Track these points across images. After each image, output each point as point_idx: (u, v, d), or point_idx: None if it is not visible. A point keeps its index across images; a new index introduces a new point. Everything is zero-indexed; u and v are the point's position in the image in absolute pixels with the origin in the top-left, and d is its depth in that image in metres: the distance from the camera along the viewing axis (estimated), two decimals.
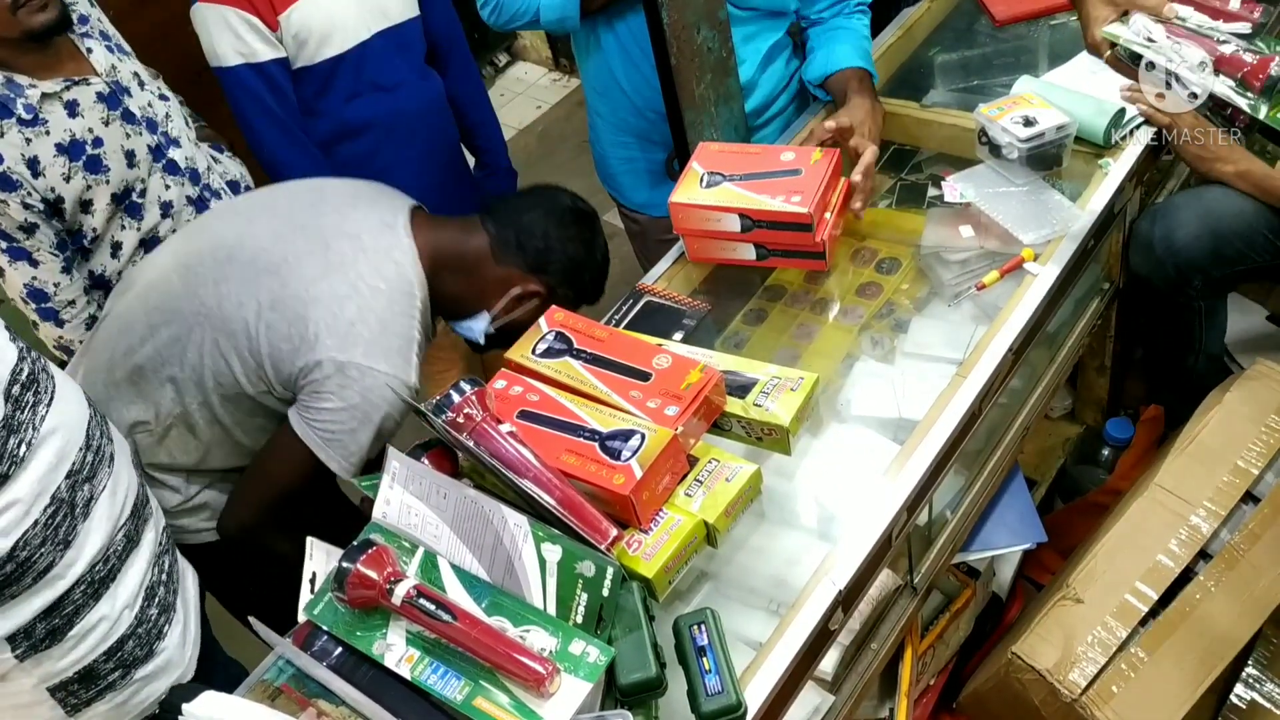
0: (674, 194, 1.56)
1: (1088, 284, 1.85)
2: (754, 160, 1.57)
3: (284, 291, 1.39)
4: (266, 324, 1.39)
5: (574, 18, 1.77)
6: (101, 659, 1.25)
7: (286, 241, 1.43)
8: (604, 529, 1.10)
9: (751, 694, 1.09)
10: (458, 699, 0.99)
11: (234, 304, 1.40)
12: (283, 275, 1.40)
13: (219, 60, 1.86)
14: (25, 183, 1.61)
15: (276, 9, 1.85)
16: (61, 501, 1.16)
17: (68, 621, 1.20)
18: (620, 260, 3.30)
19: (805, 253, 1.54)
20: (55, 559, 1.16)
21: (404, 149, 2.08)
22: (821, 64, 1.79)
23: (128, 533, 1.27)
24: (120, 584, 1.26)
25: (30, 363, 1.17)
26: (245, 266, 1.42)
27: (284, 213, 1.50)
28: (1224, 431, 1.66)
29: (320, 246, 1.42)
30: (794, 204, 1.48)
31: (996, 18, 2.05)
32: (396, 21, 1.98)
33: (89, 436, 1.23)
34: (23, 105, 1.61)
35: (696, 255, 1.64)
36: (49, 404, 1.17)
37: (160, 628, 1.32)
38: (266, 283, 1.40)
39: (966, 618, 1.81)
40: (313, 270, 1.40)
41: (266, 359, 1.40)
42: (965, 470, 1.64)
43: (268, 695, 1.07)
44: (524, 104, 4.21)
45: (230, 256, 1.44)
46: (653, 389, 1.23)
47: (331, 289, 1.39)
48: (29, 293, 1.69)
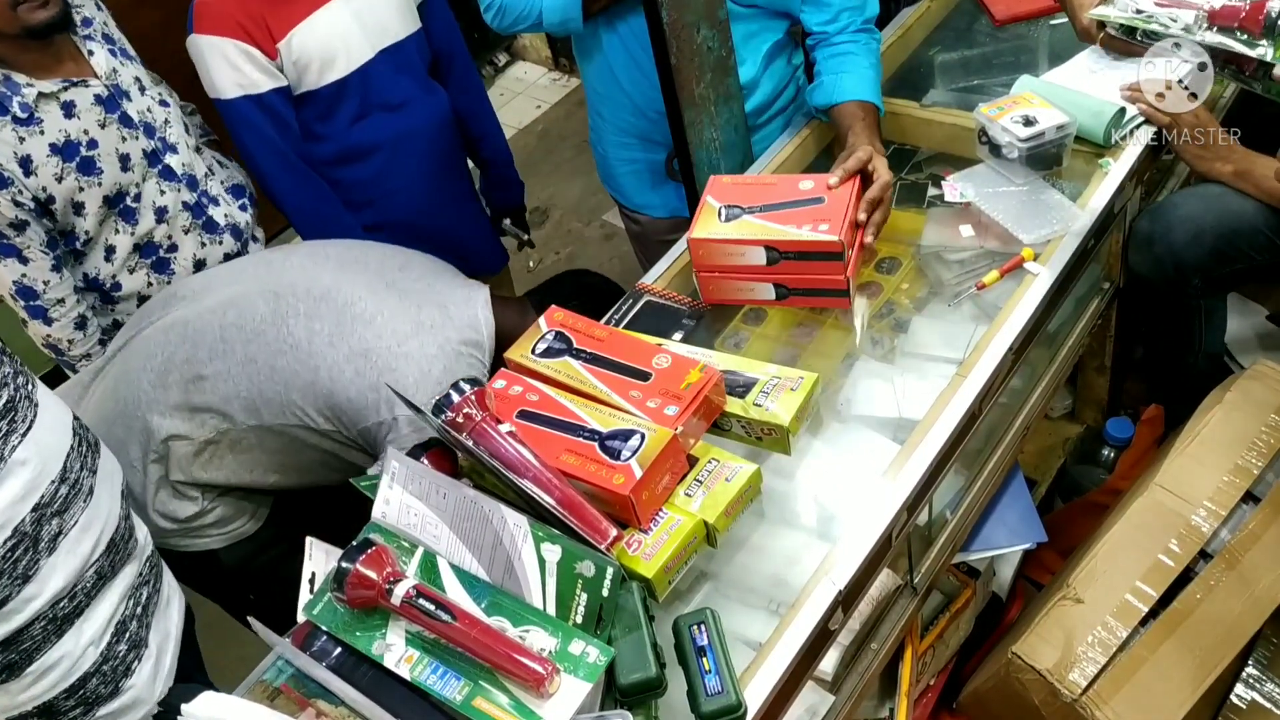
0: (692, 230, 1.48)
1: (1088, 284, 1.85)
2: (770, 191, 1.50)
3: (378, 343, 1.44)
4: (356, 370, 1.43)
5: (577, 19, 1.77)
6: (62, 696, 1.21)
7: (380, 297, 1.50)
8: (604, 529, 1.10)
9: (751, 694, 1.08)
10: (457, 699, 0.99)
11: (324, 342, 1.44)
12: (377, 327, 1.46)
13: (217, 93, 1.83)
14: (17, 180, 1.61)
15: (275, 36, 1.81)
16: (24, 535, 1.12)
17: (26, 657, 1.16)
18: (620, 260, 3.33)
19: (827, 290, 1.47)
20: (12, 593, 1.12)
21: (412, 168, 2.05)
22: (828, 92, 1.75)
23: (100, 569, 1.23)
24: (87, 620, 1.21)
25: (12, 390, 1.13)
26: (340, 311, 1.47)
27: (375, 269, 1.56)
28: (1224, 431, 1.66)
29: (413, 308, 1.50)
30: (822, 232, 1.41)
31: (996, 17, 2.05)
32: (399, 38, 1.95)
33: (65, 469, 1.18)
34: (18, 104, 1.61)
35: (712, 297, 1.53)
36: (24, 434, 1.13)
37: (129, 664, 1.28)
38: (361, 331, 1.45)
39: (966, 618, 1.81)
40: (405, 328, 1.47)
41: (347, 402, 1.44)
42: (965, 470, 1.64)
43: (267, 695, 1.07)
44: (524, 104, 4.21)
45: (325, 296, 1.48)
46: (652, 389, 1.23)
47: (422, 347, 1.46)
48: (18, 290, 1.69)
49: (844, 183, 1.50)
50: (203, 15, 1.79)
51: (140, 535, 1.33)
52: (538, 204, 3.68)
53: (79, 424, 1.26)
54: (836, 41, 1.78)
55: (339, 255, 1.59)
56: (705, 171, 1.77)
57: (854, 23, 1.78)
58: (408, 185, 2.05)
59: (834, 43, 1.78)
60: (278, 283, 1.51)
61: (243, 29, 1.78)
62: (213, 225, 1.89)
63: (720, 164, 1.79)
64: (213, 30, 1.78)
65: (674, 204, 2.02)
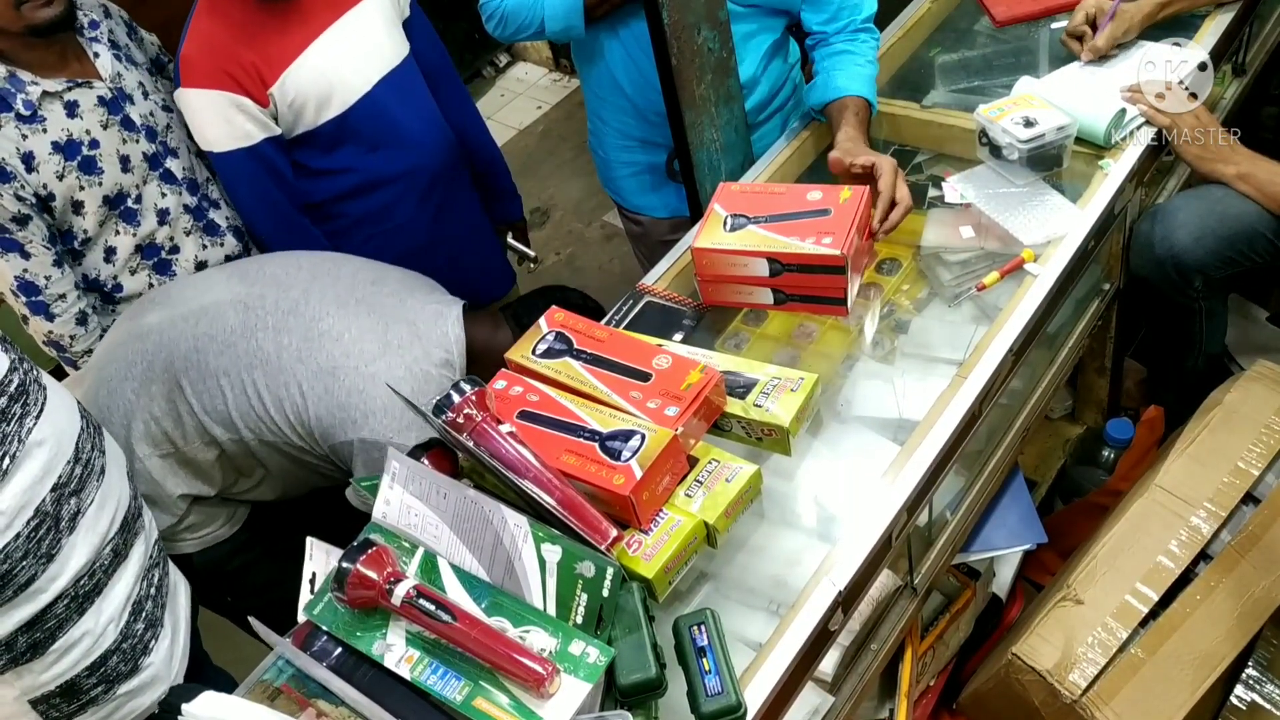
0: (696, 239, 1.48)
1: (1088, 285, 1.85)
2: (779, 201, 1.50)
3: (345, 362, 1.44)
4: (324, 388, 1.43)
5: (579, 26, 1.77)
6: (84, 674, 1.24)
7: (350, 313, 1.49)
8: (604, 529, 1.10)
9: (751, 694, 1.09)
10: (457, 699, 0.99)
11: (293, 358, 1.44)
12: (345, 345, 1.45)
13: (209, 145, 1.78)
14: (19, 176, 1.62)
15: (266, 83, 1.74)
16: (45, 515, 1.15)
17: (50, 635, 1.19)
18: (620, 260, 3.33)
19: (826, 298, 1.46)
20: (37, 572, 1.15)
21: (418, 197, 1.99)
22: (822, 90, 1.75)
23: (115, 547, 1.26)
24: (106, 598, 1.24)
25: (22, 373, 1.16)
26: (309, 325, 1.46)
27: (347, 283, 1.55)
28: (1224, 432, 1.66)
29: (381, 326, 1.49)
30: (825, 246, 1.40)
31: (997, 18, 2.05)
32: (395, 64, 1.88)
33: (78, 449, 1.21)
34: (22, 101, 1.62)
35: (711, 299, 1.54)
36: (37, 416, 1.15)
37: (146, 643, 1.31)
38: (329, 348, 1.45)
39: (966, 618, 1.81)
40: (373, 348, 1.46)
41: (314, 420, 1.45)
42: (965, 471, 1.64)
43: (267, 695, 1.08)
44: (524, 104, 4.21)
45: (294, 310, 1.48)
46: (653, 389, 1.23)
47: (389, 369, 1.45)
48: (19, 285, 1.69)
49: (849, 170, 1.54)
50: (191, 68, 1.72)
51: (146, 517, 1.37)
52: (538, 204, 3.68)
53: (82, 406, 1.29)
54: (834, 42, 1.78)
55: (312, 266, 1.58)
56: (706, 172, 1.77)
57: (853, 21, 1.78)
58: (416, 215, 2.00)
59: (831, 43, 1.79)
60: (248, 294, 1.51)
61: (232, 79, 1.71)
62: (214, 228, 1.89)
63: (721, 165, 1.79)
64: (202, 84, 1.72)
65: (674, 205, 2.02)
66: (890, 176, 1.53)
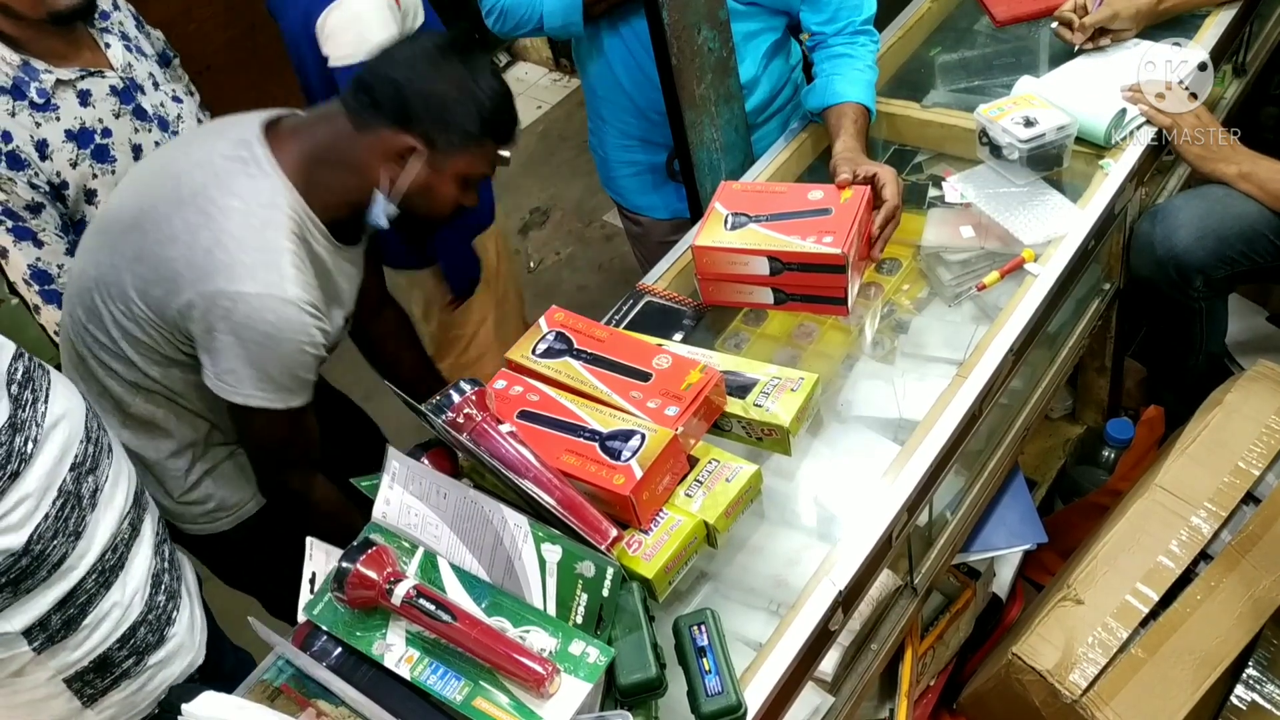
0: (697, 237, 1.48)
1: (1088, 285, 1.85)
2: (780, 200, 1.50)
3: (144, 241, 1.34)
4: (140, 279, 1.34)
5: (578, 22, 1.77)
6: (115, 646, 1.27)
7: (143, 193, 1.38)
8: (604, 529, 1.10)
9: (751, 694, 1.08)
10: (457, 699, 0.99)
11: (110, 269, 1.37)
12: (142, 226, 1.35)
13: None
14: (33, 163, 1.62)
15: None
16: (69, 494, 1.18)
17: (81, 611, 1.22)
18: (620, 260, 3.33)
19: (826, 298, 1.46)
20: (68, 550, 1.18)
21: None
22: (821, 95, 1.75)
23: (131, 520, 1.29)
24: (129, 571, 1.28)
25: (25, 360, 1.19)
26: (111, 228, 1.39)
27: (146, 168, 1.47)
28: (1225, 432, 1.66)
29: (173, 184, 1.35)
30: (825, 245, 1.40)
31: (997, 18, 2.05)
32: None
33: (88, 429, 1.24)
34: (36, 89, 1.63)
35: (711, 299, 1.53)
36: (47, 400, 1.18)
37: (169, 614, 1.34)
38: (130, 239, 1.35)
39: (967, 618, 1.81)
40: (166, 209, 1.33)
41: (154, 313, 1.35)
42: (965, 471, 1.64)
43: (267, 695, 1.08)
44: (524, 104, 4.21)
45: (102, 227, 1.42)
46: (653, 389, 1.23)
47: (185, 221, 1.31)
48: (33, 274, 1.69)
49: (852, 184, 1.51)
50: None
51: (146, 494, 1.39)
52: (538, 204, 3.68)
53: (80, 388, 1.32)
54: (833, 44, 1.78)
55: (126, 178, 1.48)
56: (706, 172, 1.77)
57: (852, 23, 1.78)
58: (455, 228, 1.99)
59: (830, 45, 1.78)
60: (86, 235, 1.45)
61: None
62: None
63: (721, 164, 1.79)
64: None
65: (675, 205, 2.02)
66: (894, 187, 1.53)
